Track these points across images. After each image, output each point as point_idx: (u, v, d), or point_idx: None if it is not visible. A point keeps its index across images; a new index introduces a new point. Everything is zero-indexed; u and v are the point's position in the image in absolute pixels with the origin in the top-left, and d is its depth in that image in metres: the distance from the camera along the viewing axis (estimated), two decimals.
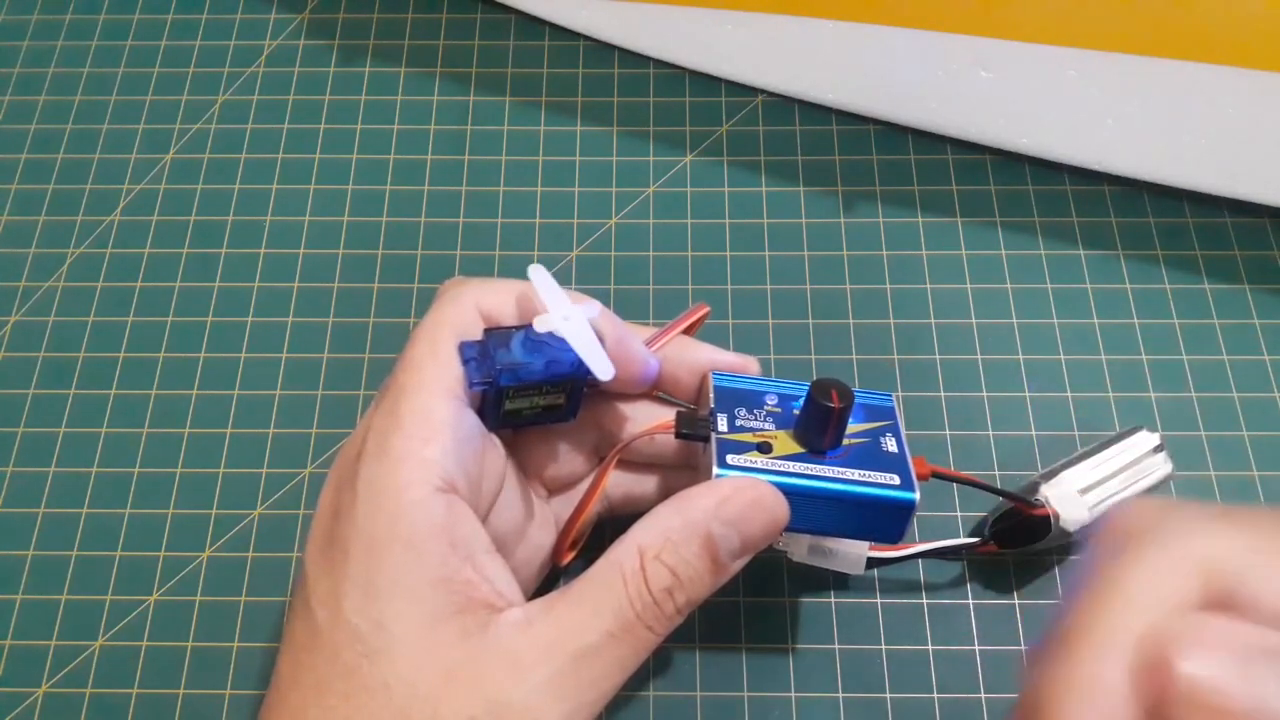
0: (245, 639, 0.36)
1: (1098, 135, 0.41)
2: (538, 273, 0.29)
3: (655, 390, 0.33)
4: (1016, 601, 0.36)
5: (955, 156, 0.45)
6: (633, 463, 0.34)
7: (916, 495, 0.29)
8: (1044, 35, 0.39)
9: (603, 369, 0.28)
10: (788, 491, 0.28)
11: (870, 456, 0.29)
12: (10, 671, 0.36)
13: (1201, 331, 0.41)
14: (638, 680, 0.32)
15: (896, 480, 0.29)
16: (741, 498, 0.27)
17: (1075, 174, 0.44)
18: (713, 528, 0.27)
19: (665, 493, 0.33)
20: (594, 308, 0.29)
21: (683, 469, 0.33)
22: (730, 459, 0.29)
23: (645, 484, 0.34)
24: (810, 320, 0.41)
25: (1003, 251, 0.43)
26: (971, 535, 0.37)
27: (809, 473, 0.29)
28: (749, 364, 0.33)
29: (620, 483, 0.34)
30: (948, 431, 0.39)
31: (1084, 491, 0.34)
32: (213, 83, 0.47)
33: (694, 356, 0.32)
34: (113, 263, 0.43)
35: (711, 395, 0.31)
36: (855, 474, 0.29)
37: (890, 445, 0.30)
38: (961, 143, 0.45)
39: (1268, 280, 0.42)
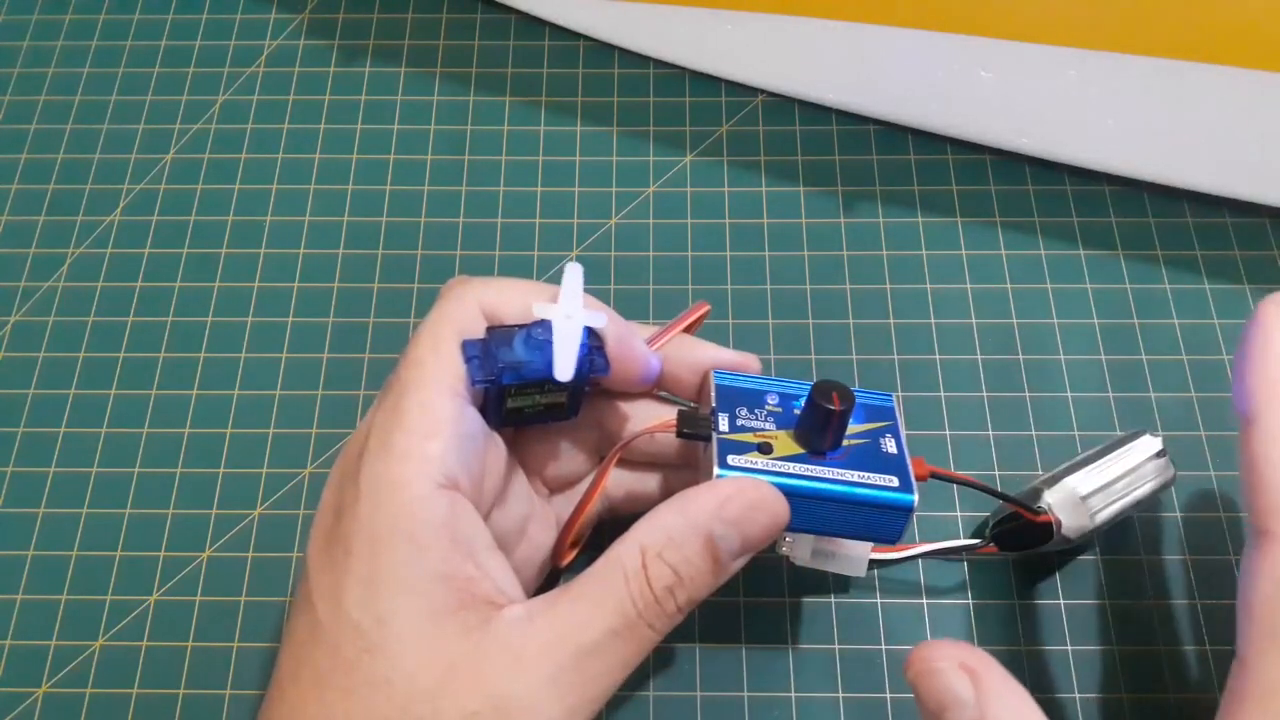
0: (245, 639, 0.36)
1: (1098, 135, 0.41)
2: (573, 269, 0.29)
3: (656, 389, 0.33)
4: (1016, 602, 0.36)
5: (955, 156, 0.45)
6: (634, 461, 0.34)
7: (915, 497, 0.29)
8: (1044, 35, 0.39)
9: (562, 370, 0.28)
10: (788, 492, 0.28)
11: (870, 458, 0.30)
12: (10, 671, 0.36)
13: (1201, 331, 0.41)
14: (638, 679, 0.32)
15: (895, 482, 0.29)
16: (743, 498, 0.27)
17: (1075, 174, 0.44)
18: (714, 527, 0.27)
19: (666, 491, 0.34)
20: (601, 317, 0.29)
21: (684, 468, 0.34)
22: (731, 459, 0.29)
23: (646, 482, 0.34)
24: (810, 320, 0.41)
25: (1003, 251, 0.43)
26: (973, 536, 0.37)
27: (809, 474, 0.29)
28: (750, 362, 0.33)
29: (621, 481, 0.34)
30: (948, 431, 0.39)
31: (1086, 498, 0.34)
32: (213, 83, 0.47)
33: (695, 355, 0.32)
34: (113, 263, 0.43)
35: (713, 394, 0.31)
36: (854, 475, 0.29)
37: (890, 446, 0.30)
38: (961, 143, 0.45)
39: (1268, 280, 0.42)
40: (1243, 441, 0.27)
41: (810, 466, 0.29)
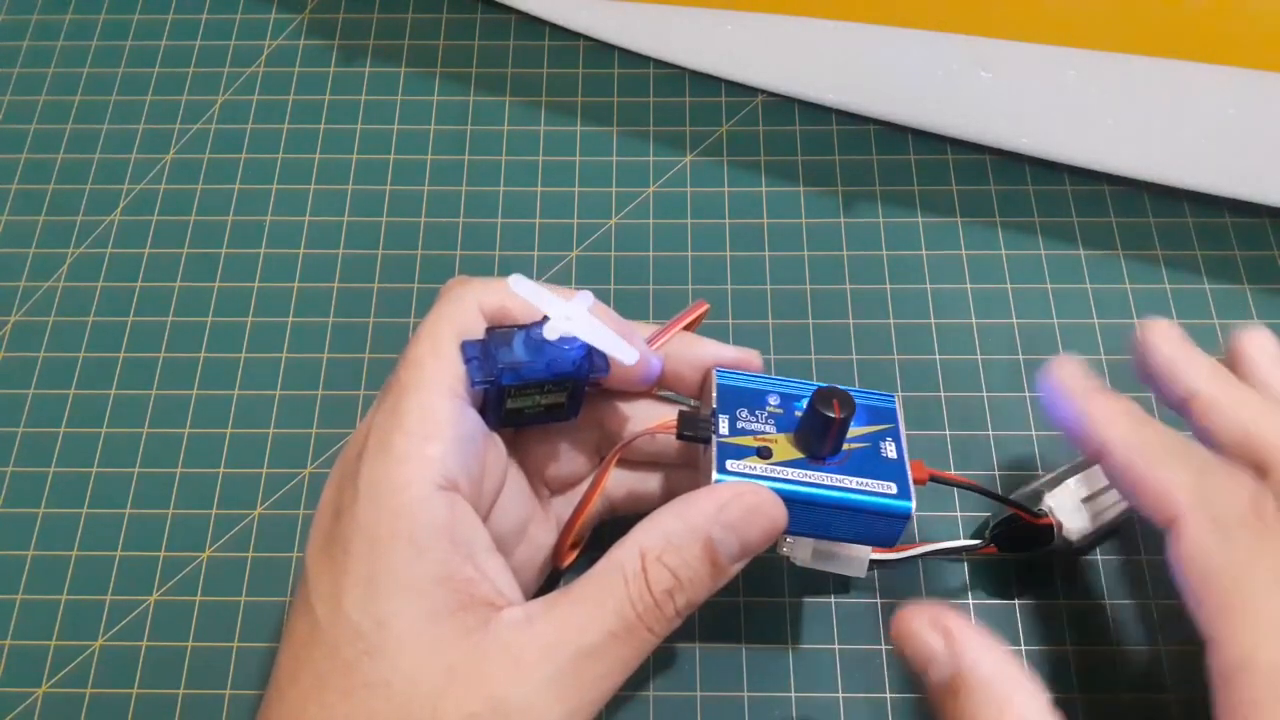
0: (245, 639, 0.36)
1: (1098, 135, 0.41)
2: (519, 283, 0.28)
3: (657, 387, 0.33)
4: (1016, 602, 0.36)
5: (955, 156, 0.45)
6: (634, 461, 0.34)
7: (912, 505, 0.29)
8: (1044, 35, 0.39)
9: (626, 354, 0.28)
10: (786, 498, 0.29)
11: (869, 463, 0.30)
12: (10, 671, 0.36)
13: (1201, 331, 0.41)
14: (638, 680, 0.32)
15: (893, 489, 0.29)
16: (741, 503, 0.28)
17: (1075, 174, 0.44)
18: (713, 531, 0.27)
19: (668, 490, 0.34)
20: (587, 298, 0.29)
21: (685, 466, 0.33)
22: (730, 464, 0.29)
23: (648, 482, 0.34)
24: (810, 320, 0.41)
25: (1003, 251, 0.43)
26: (973, 537, 0.37)
27: (807, 480, 0.29)
28: (751, 358, 0.33)
29: (622, 481, 0.34)
30: (948, 432, 0.39)
31: (1087, 500, 0.34)
32: (213, 83, 0.47)
33: (696, 352, 0.32)
34: (113, 263, 0.43)
35: (714, 395, 0.31)
36: (853, 482, 0.29)
37: (890, 451, 0.30)
38: (961, 143, 0.45)
39: (1268, 280, 0.42)
40: (1108, 470, 0.30)
41: (808, 472, 0.29)
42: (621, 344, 0.28)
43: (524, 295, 0.28)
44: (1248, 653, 0.25)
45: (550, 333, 0.28)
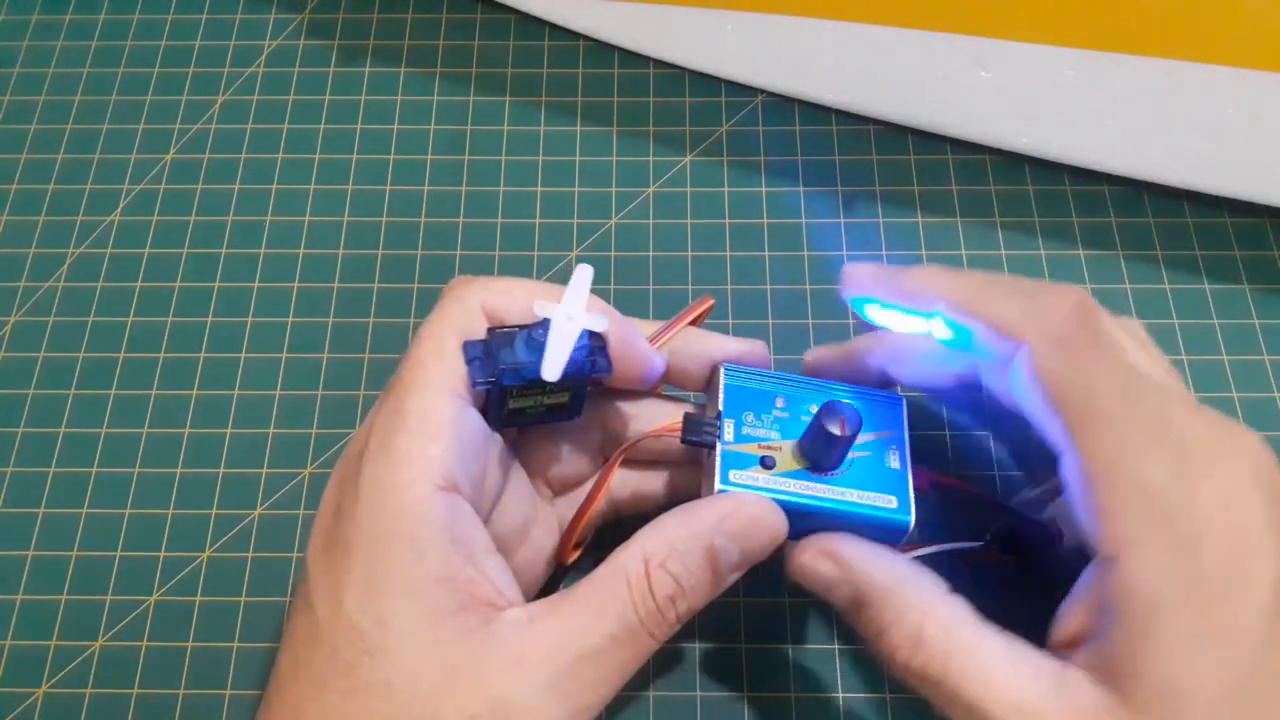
0: (245, 639, 0.36)
1: (1098, 135, 0.41)
2: (583, 270, 0.29)
3: (662, 383, 0.33)
4: (1017, 603, 0.36)
5: (955, 156, 0.45)
6: (639, 461, 0.34)
7: (912, 519, 0.29)
8: (1044, 35, 0.39)
9: (549, 369, 0.27)
10: (787, 509, 0.29)
11: (871, 474, 0.30)
12: (10, 671, 0.36)
13: (1201, 331, 0.41)
14: (638, 680, 0.32)
15: (894, 503, 0.29)
16: (743, 513, 0.28)
17: (1075, 174, 0.44)
18: (715, 540, 0.27)
19: (672, 489, 0.34)
20: (603, 320, 0.29)
21: (689, 465, 0.33)
22: (733, 475, 0.29)
23: (652, 481, 0.34)
24: (810, 320, 0.41)
25: (1002, 251, 0.43)
26: (974, 539, 0.37)
27: (809, 492, 0.29)
28: (757, 350, 0.33)
29: (627, 481, 0.34)
30: (948, 431, 0.39)
31: None
32: (213, 83, 0.47)
33: (701, 348, 0.32)
34: (113, 263, 0.43)
35: (721, 396, 0.31)
36: (854, 495, 0.29)
37: (894, 460, 0.30)
38: (961, 143, 0.45)
39: (1268, 280, 0.42)
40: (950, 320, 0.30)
41: (811, 484, 0.29)
42: (555, 362, 0.27)
43: (573, 279, 0.28)
44: (1112, 455, 0.26)
45: (539, 309, 0.28)
